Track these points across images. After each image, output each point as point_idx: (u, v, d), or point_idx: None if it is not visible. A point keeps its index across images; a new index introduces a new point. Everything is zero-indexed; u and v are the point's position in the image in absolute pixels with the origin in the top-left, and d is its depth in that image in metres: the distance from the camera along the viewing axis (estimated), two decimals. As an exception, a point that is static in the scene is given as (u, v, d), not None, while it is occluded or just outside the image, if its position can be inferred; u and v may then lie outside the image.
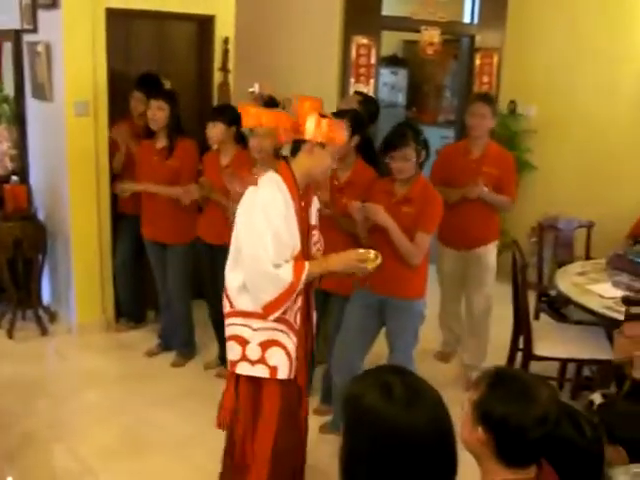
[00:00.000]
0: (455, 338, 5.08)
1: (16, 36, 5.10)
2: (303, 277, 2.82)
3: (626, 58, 5.91)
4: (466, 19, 6.43)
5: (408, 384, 1.72)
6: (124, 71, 4.97)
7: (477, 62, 6.33)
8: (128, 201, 4.85)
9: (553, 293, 4.84)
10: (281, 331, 2.91)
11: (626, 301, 3.68)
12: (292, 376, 2.97)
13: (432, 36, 6.00)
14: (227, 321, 3.02)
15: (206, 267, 4.56)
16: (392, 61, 8.84)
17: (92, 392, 4.40)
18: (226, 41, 5.23)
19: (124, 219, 5.04)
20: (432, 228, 3.63)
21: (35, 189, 5.25)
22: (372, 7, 5.90)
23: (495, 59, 6.39)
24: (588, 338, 4.24)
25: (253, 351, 2.92)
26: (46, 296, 5.37)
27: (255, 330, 2.91)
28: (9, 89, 5.41)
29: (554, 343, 4.22)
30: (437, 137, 7.41)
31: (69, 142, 4.77)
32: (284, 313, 2.87)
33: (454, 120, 8.21)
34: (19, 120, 5.30)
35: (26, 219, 4.97)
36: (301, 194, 2.95)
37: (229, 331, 3.00)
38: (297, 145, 2.95)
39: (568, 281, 4.36)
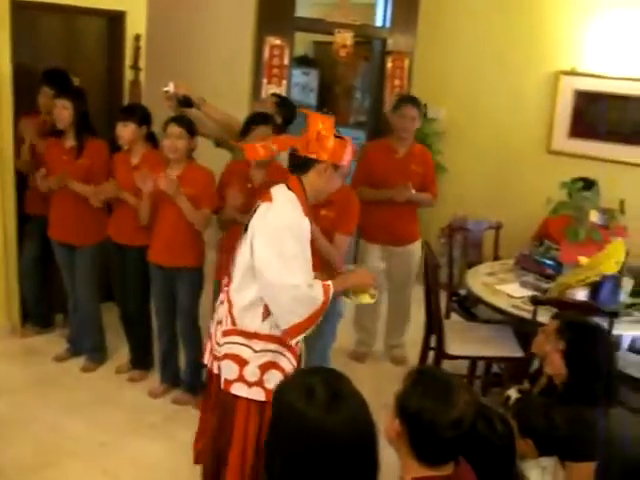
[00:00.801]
0: (370, 337, 5.15)
1: None
2: (330, 296, 2.79)
3: (530, 64, 6.12)
4: (378, 23, 6.51)
5: (331, 387, 1.74)
6: (31, 66, 4.78)
7: (389, 65, 6.42)
8: (35, 202, 4.69)
9: (463, 293, 4.99)
10: (282, 354, 2.86)
11: (534, 301, 3.82)
12: None
13: (345, 39, 6.05)
14: (226, 339, 2.91)
15: (116, 268, 4.46)
16: (303, 62, 8.86)
17: (-1, 401, 4.24)
18: (137, 38, 5.12)
19: (31, 220, 4.86)
20: (352, 230, 3.70)
21: None
22: (285, 8, 5.90)
23: (406, 62, 6.50)
24: (497, 336, 4.38)
25: (251, 373, 2.85)
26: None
27: (256, 352, 2.85)
28: None
29: (465, 342, 4.34)
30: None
31: (-31, 140, 4.57)
32: None
33: (365, 122, 8.33)
34: None
35: None
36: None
37: (227, 349, 2.90)
38: (307, 162, 2.85)
39: (478, 281, 4.49)
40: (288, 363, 2.88)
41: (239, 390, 2.88)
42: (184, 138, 3.94)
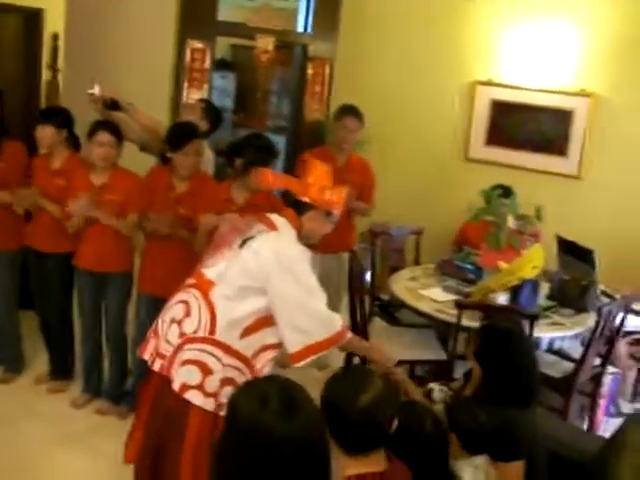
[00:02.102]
0: None
1: None
2: (347, 335, 2.92)
3: (449, 73, 6.28)
4: (300, 28, 6.54)
5: (286, 395, 1.74)
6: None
7: (310, 71, 6.45)
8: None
9: (385, 297, 5.06)
10: (245, 375, 2.85)
11: (459, 305, 3.92)
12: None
13: (267, 44, 6.05)
14: (194, 345, 2.85)
15: (36, 276, 4.33)
16: (221, 65, 8.79)
17: None
18: (55, 37, 4.99)
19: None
20: None
21: None
22: (207, 12, 5.85)
23: (327, 69, 6.54)
24: (420, 340, 4.48)
25: (212, 384, 2.82)
26: None
27: (224, 365, 2.83)
28: None
29: (389, 346, 4.38)
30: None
31: None
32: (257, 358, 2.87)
33: (284, 127, 8.34)
34: None
35: None
36: None
37: (192, 355, 2.84)
38: (303, 206, 2.99)
39: (401, 286, 4.57)
40: None
41: (194, 397, 2.84)
42: (114, 146, 3.88)
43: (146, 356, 3.07)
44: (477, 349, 2.90)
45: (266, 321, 2.86)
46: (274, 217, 3.00)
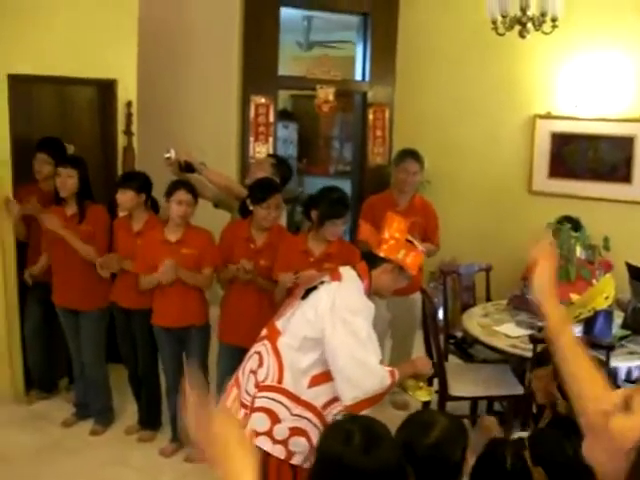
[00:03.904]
0: None
1: None
2: (396, 380, 2.96)
3: (506, 109, 6.37)
4: (358, 76, 6.74)
5: (368, 432, 1.87)
6: (27, 137, 4.88)
7: (370, 117, 6.63)
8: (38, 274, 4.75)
9: (459, 335, 5.11)
10: (315, 425, 2.94)
11: (533, 340, 3.96)
12: (305, 466, 2.98)
13: (327, 94, 6.25)
14: (264, 393, 2.99)
15: (123, 332, 4.54)
16: (283, 115, 9.08)
17: (7, 469, 4.21)
18: (129, 105, 5.27)
19: (33, 287, 4.91)
20: None
21: None
22: (269, 68, 6.11)
23: (387, 113, 6.71)
24: (497, 376, 4.50)
25: (281, 431, 2.94)
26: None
27: (292, 415, 2.94)
28: None
29: (467, 383, 4.45)
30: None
31: (-28, 210, 4.66)
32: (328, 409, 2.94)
33: (348, 171, 8.53)
34: None
35: None
36: None
37: (263, 403, 2.98)
38: (377, 260, 3.08)
39: (474, 323, 4.62)
40: (317, 436, 2.90)
41: (263, 443, 2.96)
42: (191, 204, 4.08)
43: (229, 403, 3.20)
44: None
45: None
46: (343, 269, 3.09)
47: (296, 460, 2.97)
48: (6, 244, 4.81)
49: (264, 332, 3.18)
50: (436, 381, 4.48)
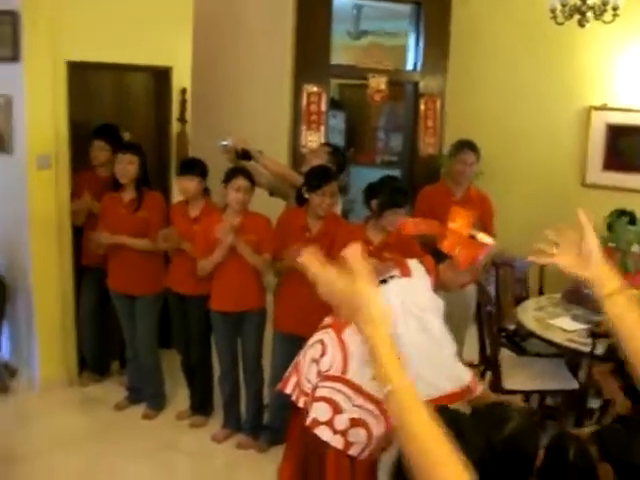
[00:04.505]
0: None
1: (-30, 89, 5.03)
2: (479, 389, 2.89)
3: (561, 100, 6.27)
4: (409, 66, 6.68)
5: (453, 424, 1.85)
6: (84, 123, 4.94)
7: (422, 107, 6.58)
8: (92, 253, 4.80)
9: (511, 327, 5.05)
10: (375, 417, 2.91)
11: (593, 334, 3.90)
12: (362, 457, 2.97)
13: (379, 83, 6.21)
14: (327, 383, 2.98)
15: (177, 318, 4.57)
16: (331, 104, 9.04)
17: (62, 451, 4.28)
18: (183, 92, 5.29)
19: (87, 271, 4.98)
20: None
21: (-7, 244, 5.14)
22: (321, 56, 6.08)
23: (438, 104, 6.65)
24: (551, 370, 4.44)
25: (342, 422, 2.92)
26: (4, 352, 5.23)
27: (354, 406, 2.92)
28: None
29: (520, 376, 4.40)
30: (375, 178, 7.61)
31: (31, 195, 4.72)
32: None
33: (395, 161, 8.49)
34: (-28, 174, 5.20)
35: (-15, 274, 4.87)
36: None
37: (325, 392, 2.97)
38: (441, 255, 3.03)
39: (529, 316, 4.56)
40: (377, 429, 2.93)
41: (323, 433, 2.95)
42: (249, 191, 4.09)
43: (288, 390, 3.21)
44: (624, 385, 2.87)
45: None
46: (412, 263, 3.05)
47: (353, 451, 2.96)
48: (63, 229, 4.88)
49: (328, 321, 3.16)
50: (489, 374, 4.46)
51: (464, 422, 1.88)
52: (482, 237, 3.00)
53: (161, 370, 4.82)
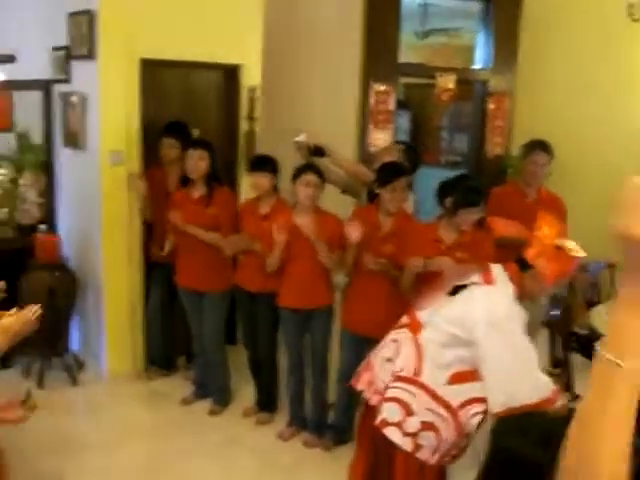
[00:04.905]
0: None
1: (46, 86, 5.14)
2: (560, 401, 2.72)
3: (636, 98, 6.09)
4: (478, 65, 6.57)
5: (544, 427, 1.79)
6: (154, 120, 4.99)
7: (490, 106, 6.46)
8: (160, 249, 4.85)
9: (583, 332, 4.92)
10: (447, 423, 2.86)
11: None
12: (431, 462, 2.92)
13: (448, 82, 6.12)
14: (400, 384, 2.94)
15: (245, 314, 4.59)
16: (396, 104, 9.01)
17: (128, 444, 4.35)
18: (252, 90, 5.31)
19: (156, 267, 5.04)
20: None
21: (64, 238, 5.23)
22: (389, 55, 6.01)
23: (507, 103, 6.52)
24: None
25: (412, 424, 2.88)
26: (74, 345, 5.33)
27: (426, 409, 2.87)
28: (36, 138, 5.43)
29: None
30: (440, 178, 7.50)
31: (103, 191, 4.80)
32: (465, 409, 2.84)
33: (459, 162, 8.37)
34: (47, 169, 5.32)
35: (58, 268, 4.95)
36: None
37: (397, 393, 2.93)
38: (526, 264, 2.90)
39: (603, 321, 4.43)
40: (448, 435, 2.87)
41: (392, 434, 2.91)
42: (319, 187, 4.07)
43: (360, 387, 3.18)
44: None
45: (475, 374, 2.82)
46: (496, 269, 2.93)
47: (422, 454, 2.91)
48: (133, 225, 4.94)
49: (404, 320, 3.11)
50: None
51: (553, 424, 1.83)
52: (571, 248, 2.83)
53: (227, 366, 4.84)
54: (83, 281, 5.10)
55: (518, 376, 2.71)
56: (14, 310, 2.74)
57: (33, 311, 2.60)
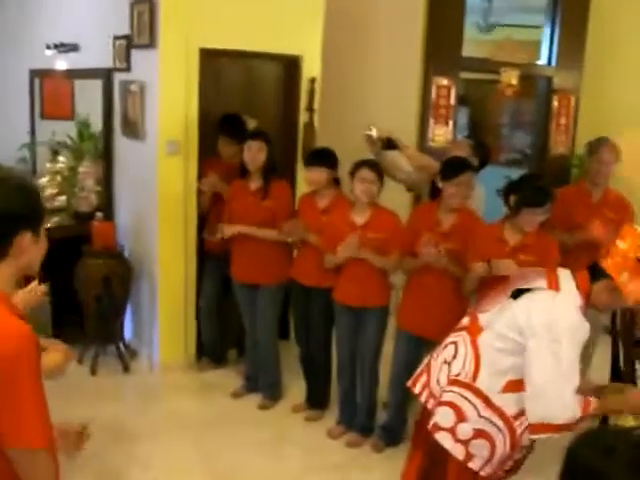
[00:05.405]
0: None
1: (107, 75, 5.15)
2: (590, 413, 2.61)
3: None
4: (543, 61, 6.41)
5: (634, 450, 1.67)
6: (213, 110, 4.95)
7: (555, 104, 6.30)
8: (215, 241, 4.81)
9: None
10: (502, 433, 2.75)
11: None
12: (483, 474, 2.81)
13: (511, 77, 5.98)
14: (455, 388, 2.84)
15: (299, 309, 4.52)
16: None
17: (177, 434, 4.33)
18: (312, 81, 5.24)
19: (210, 259, 5.00)
20: None
21: (121, 226, 5.25)
22: (452, 49, 5.91)
23: (572, 100, 6.35)
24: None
25: (464, 431, 2.78)
26: (127, 333, 5.34)
27: (480, 416, 2.76)
28: (95, 126, 5.46)
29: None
30: (499, 176, 7.34)
31: (160, 180, 4.79)
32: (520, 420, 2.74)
33: (519, 160, 8.20)
34: (105, 157, 5.34)
35: (114, 257, 4.97)
36: None
37: (452, 398, 2.83)
38: (602, 274, 2.67)
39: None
40: (502, 445, 2.76)
41: (443, 439, 2.82)
42: (377, 183, 3.99)
43: (417, 390, 3.09)
44: None
45: None
46: (563, 274, 2.76)
47: (474, 464, 2.79)
48: (189, 215, 4.92)
49: (465, 322, 3.00)
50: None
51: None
52: None
53: (279, 361, 4.79)
54: (138, 270, 5.10)
55: (555, 394, 2.56)
56: (33, 285, 2.69)
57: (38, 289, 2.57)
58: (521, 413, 2.71)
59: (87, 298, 4.94)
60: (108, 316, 5.06)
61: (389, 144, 4.23)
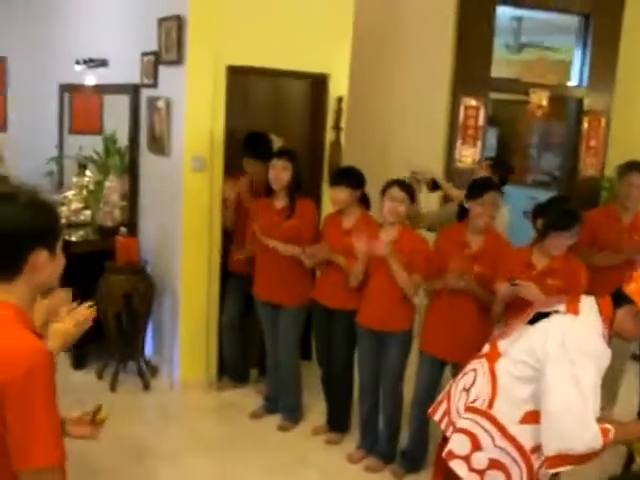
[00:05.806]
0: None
1: (134, 90, 5.16)
2: (609, 441, 2.49)
3: None
4: (574, 81, 6.33)
5: None
6: (239, 127, 4.92)
7: (585, 125, 6.21)
8: (239, 260, 4.77)
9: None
10: (518, 465, 2.66)
11: None
12: None
13: (541, 98, 5.91)
14: (471, 415, 2.78)
15: (321, 331, 4.46)
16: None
17: (196, 454, 4.28)
18: (340, 100, 5.20)
19: (233, 277, 4.96)
20: None
21: (145, 242, 5.23)
22: (481, 69, 5.86)
23: (603, 122, 6.26)
24: None
25: (479, 460, 2.71)
26: (147, 350, 5.31)
27: (496, 446, 2.69)
28: (122, 141, 5.47)
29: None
30: (525, 198, 7.26)
31: (185, 197, 4.76)
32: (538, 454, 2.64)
33: (547, 182, 8.10)
34: (131, 172, 5.34)
35: (136, 273, 4.94)
36: None
37: (467, 425, 2.77)
38: (625, 296, 2.59)
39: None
40: (518, 478, 2.67)
41: (458, 467, 2.75)
42: (406, 203, 3.93)
43: (437, 417, 3.02)
44: None
45: None
46: (585, 300, 2.67)
47: None
48: (213, 233, 4.89)
49: (486, 349, 2.93)
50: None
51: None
52: None
53: (300, 382, 4.72)
54: (160, 286, 5.08)
55: (577, 422, 2.45)
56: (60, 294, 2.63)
57: (85, 313, 2.50)
58: (540, 447, 2.61)
59: (108, 314, 4.91)
60: (129, 332, 5.04)
61: (434, 185, 4.22)
